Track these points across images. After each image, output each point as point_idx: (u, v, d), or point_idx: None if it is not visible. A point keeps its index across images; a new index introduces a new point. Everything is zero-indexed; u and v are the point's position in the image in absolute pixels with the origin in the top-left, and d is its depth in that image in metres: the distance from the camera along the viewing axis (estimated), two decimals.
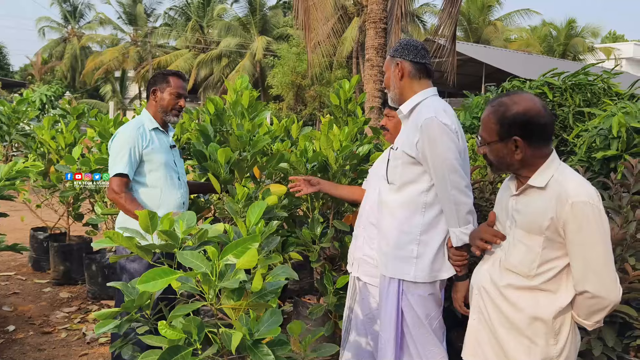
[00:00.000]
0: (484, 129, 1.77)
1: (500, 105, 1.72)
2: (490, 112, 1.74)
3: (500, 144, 1.73)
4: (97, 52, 41.54)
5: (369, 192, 2.77)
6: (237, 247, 1.73)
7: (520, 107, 1.69)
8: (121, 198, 2.74)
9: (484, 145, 1.78)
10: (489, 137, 1.75)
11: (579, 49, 33.30)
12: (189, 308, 1.71)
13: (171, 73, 2.94)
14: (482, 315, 1.80)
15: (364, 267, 2.68)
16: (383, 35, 5.88)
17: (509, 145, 1.71)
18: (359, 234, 2.77)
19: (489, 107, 1.76)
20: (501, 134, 1.71)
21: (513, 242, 1.73)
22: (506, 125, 1.70)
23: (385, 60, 2.37)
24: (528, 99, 1.71)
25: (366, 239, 2.68)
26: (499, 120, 1.71)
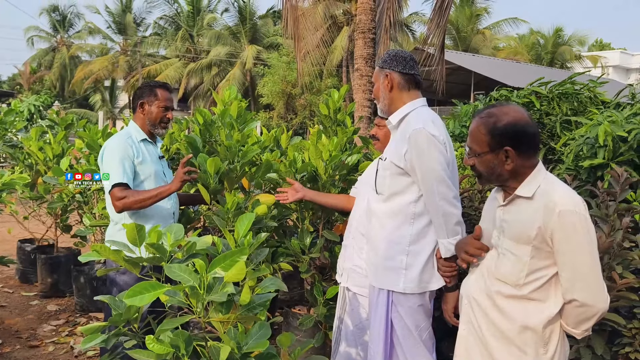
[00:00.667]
0: (473, 140, 1.77)
1: (490, 116, 1.74)
2: (480, 123, 1.75)
3: (490, 154, 1.74)
4: (86, 61, 41.39)
5: (358, 201, 2.77)
6: (225, 260, 1.72)
7: (511, 118, 1.70)
8: (129, 199, 2.70)
9: (473, 156, 1.78)
10: (479, 148, 1.76)
11: (567, 57, 33.67)
12: (177, 322, 1.70)
13: (158, 85, 2.93)
14: (472, 325, 1.80)
15: (353, 277, 2.68)
16: (372, 45, 5.91)
17: (499, 155, 1.72)
18: (348, 243, 2.77)
19: (478, 118, 1.77)
20: (492, 144, 1.72)
21: (502, 252, 1.74)
22: (497, 136, 1.71)
23: (375, 71, 2.38)
24: (516, 110, 1.73)
25: (355, 249, 2.68)
26: (489, 131, 1.72)
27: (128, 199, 2.70)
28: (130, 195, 2.70)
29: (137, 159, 2.81)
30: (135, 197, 2.71)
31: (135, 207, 2.75)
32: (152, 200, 2.73)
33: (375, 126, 2.82)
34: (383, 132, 2.75)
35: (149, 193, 2.73)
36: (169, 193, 2.75)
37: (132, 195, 2.70)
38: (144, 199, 2.72)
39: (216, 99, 3.26)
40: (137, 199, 2.71)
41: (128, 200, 2.70)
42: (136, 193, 2.73)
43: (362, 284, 2.66)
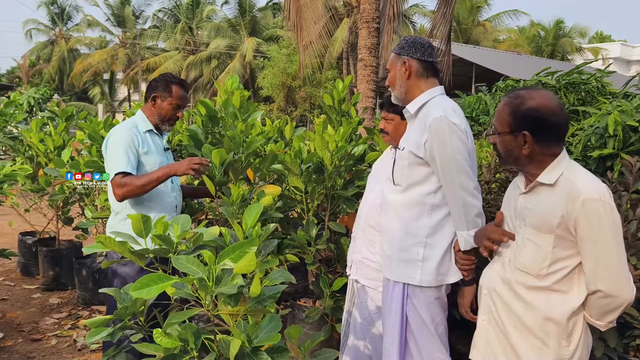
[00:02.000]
0: (497, 118, 1.76)
1: (517, 98, 1.72)
2: (506, 102, 1.74)
3: (510, 136, 1.72)
4: (85, 54, 41.23)
5: (367, 194, 2.72)
6: (234, 251, 1.68)
7: (535, 103, 1.67)
8: (130, 185, 2.63)
9: (495, 134, 1.76)
10: (500, 127, 1.74)
11: (567, 49, 33.52)
12: (185, 315, 1.66)
13: (175, 81, 2.85)
14: (492, 315, 1.77)
15: (362, 269, 2.64)
16: (376, 35, 5.83)
17: (518, 138, 1.70)
18: (357, 236, 2.72)
19: (506, 97, 1.76)
20: (512, 126, 1.70)
21: (522, 241, 1.70)
22: (518, 119, 1.69)
23: (390, 57, 2.30)
24: (544, 96, 1.70)
25: (365, 242, 2.64)
26: (512, 112, 1.71)
27: (129, 186, 2.63)
28: (131, 181, 2.64)
29: (142, 149, 2.76)
30: (136, 182, 2.64)
31: (137, 193, 2.67)
32: (153, 184, 2.67)
33: (383, 120, 2.74)
34: (392, 125, 2.67)
35: (149, 176, 2.66)
36: (171, 174, 2.69)
37: (132, 181, 2.64)
38: (144, 183, 2.65)
39: (218, 88, 3.20)
40: (138, 184, 2.64)
41: (129, 187, 2.63)
42: (136, 178, 2.66)
43: (371, 276, 2.62)
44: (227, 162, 2.97)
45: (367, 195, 2.73)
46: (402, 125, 2.65)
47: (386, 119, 2.69)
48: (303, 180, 3.25)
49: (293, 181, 3.29)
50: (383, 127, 2.71)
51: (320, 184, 3.30)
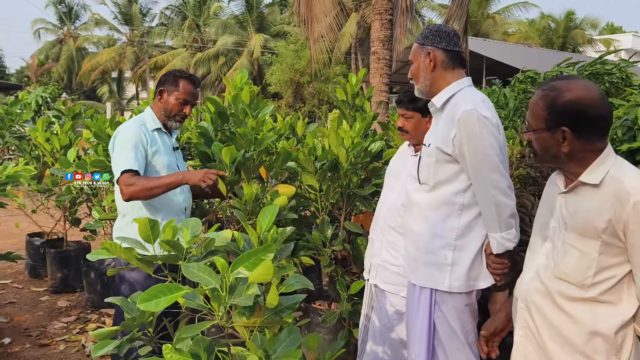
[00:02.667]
0: (531, 114, 1.59)
1: (552, 90, 1.54)
2: (540, 96, 1.56)
3: (546, 133, 1.55)
4: (93, 53, 41.29)
5: (385, 193, 2.58)
6: (249, 259, 1.54)
7: (574, 95, 1.50)
8: (137, 186, 2.48)
9: (529, 131, 1.60)
10: (535, 123, 1.57)
11: (579, 41, 33.06)
12: (197, 329, 1.52)
13: (183, 76, 2.71)
14: (530, 330, 1.60)
15: (382, 273, 2.50)
16: (389, 27, 5.65)
17: (556, 135, 1.53)
18: (376, 237, 2.58)
19: (539, 90, 1.58)
20: (549, 122, 1.53)
21: (563, 247, 1.53)
22: (555, 114, 1.52)
23: (413, 48, 2.15)
24: (584, 87, 1.52)
25: (384, 244, 2.50)
26: (548, 106, 1.53)
27: (136, 186, 2.48)
28: (140, 182, 2.49)
29: (151, 148, 2.63)
30: (144, 184, 2.49)
31: (144, 196, 2.53)
32: (161, 190, 2.52)
33: (401, 117, 2.57)
34: (412, 123, 2.50)
35: (160, 181, 2.52)
36: (181, 183, 2.55)
37: (141, 182, 2.49)
38: (153, 187, 2.50)
39: (227, 83, 3.06)
40: (146, 187, 2.49)
41: (136, 187, 2.48)
42: (145, 180, 2.51)
43: (391, 280, 2.49)
44: (238, 160, 2.83)
45: (386, 195, 2.59)
46: (423, 123, 2.49)
47: (405, 116, 2.53)
48: (317, 179, 3.11)
49: (307, 179, 3.15)
50: (402, 125, 2.55)
51: (335, 182, 3.16)
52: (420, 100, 2.45)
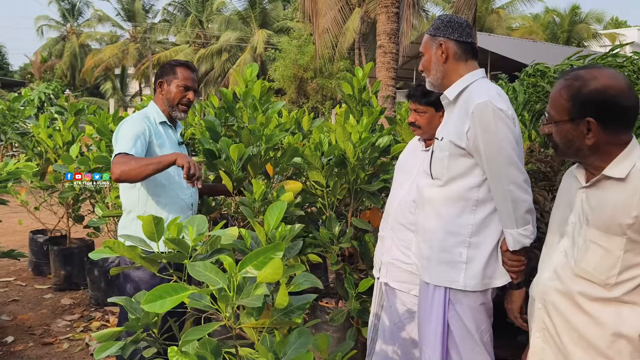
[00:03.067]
0: (553, 105, 1.51)
1: (576, 79, 1.46)
2: (563, 86, 1.48)
3: (570, 124, 1.47)
4: (96, 49, 41.24)
5: (396, 190, 2.52)
6: (257, 257, 1.48)
7: (600, 84, 1.43)
8: (128, 164, 2.32)
9: (550, 123, 1.52)
10: (557, 115, 1.49)
11: (584, 36, 32.86)
12: (203, 331, 1.46)
13: (179, 63, 2.67)
14: (548, 332, 1.53)
15: (393, 272, 2.44)
16: (395, 20, 5.56)
17: (580, 127, 1.46)
18: (386, 235, 2.52)
19: (562, 80, 1.50)
20: (573, 113, 1.46)
21: (585, 244, 1.46)
22: (580, 104, 1.44)
23: (424, 40, 2.07)
24: (610, 75, 1.44)
25: (395, 242, 2.44)
26: (572, 96, 1.45)
27: (127, 165, 2.32)
28: (131, 161, 2.34)
29: (156, 141, 2.57)
30: (136, 162, 2.33)
31: (135, 174, 2.34)
32: (152, 167, 2.33)
33: (413, 112, 2.49)
34: (425, 118, 2.42)
35: (149, 160, 2.36)
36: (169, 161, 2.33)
37: (132, 160, 2.34)
38: (143, 165, 2.32)
39: (237, 78, 2.99)
40: (139, 164, 2.32)
41: (127, 165, 2.32)
42: (137, 159, 2.36)
43: (403, 278, 2.43)
44: (246, 157, 2.77)
45: (396, 191, 2.52)
46: (436, 117, 2.42)
47: (417, 111, 2.45)
48: (324, 174, 3.05)
49: (313, 175, 3.09)
50: (414, 120, 2.47)
51: (342, 178, 3.09)
52: (433, 94, 2.37)
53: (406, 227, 2.40)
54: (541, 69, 4.34)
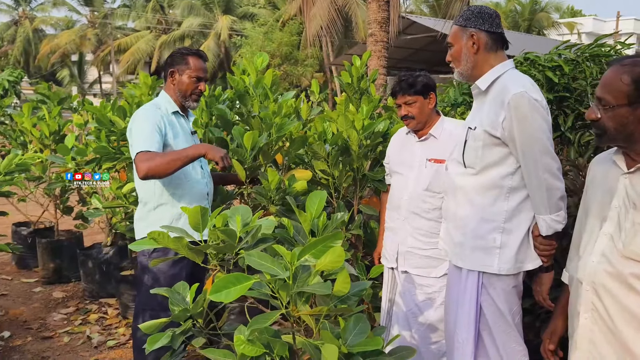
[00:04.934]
0: (610, 90, 1.54)
1: (636, 65, 1.51)
2: (624, 71, 1.52)
3: (627, 108, 1.52)
4: (51, 35, 39.81)
5: (401, 183, 2.59)
6: (316, 246, 1.51)
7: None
8: (154, 160, 2.34)
9: (604, 109, 1.55)
10: (615, 99, 1.53)
11: (544, 24, 33.61)
12: (267, 319, 1.48)
13: (191, 53, 2.64)
14: (598, 313, 1.60)
15: (410, 259, 2.54)
16: (386, 9, 5.59)
17: (637, 111, 1.51)
18: (397, 226, 2.60)
19: (619, 66, 1.54)
20: (633, 97, 1.51)
21: (633, 227, 1.53)
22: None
23: (453, 30, 2.11)
24: None
25: (410, 231, 2.53)
26: (634, 81, 1.50)
27: (153, 161, 2.34)
28: (157, 157, 2.35)
29: (169, 132, 2.55)
30: (162, 158, 2.36)
31: (164, 170, 2.37)
32: (182, 162, 2.37)
33: (403, 105, 2.54)
34: (416, 107, 2.52)
35: (179, 153, 2.39)
36: (201, 155, 2.41)
37: (158, 157, 2.36)
38: (172, 159, 2.36)
39: (248, 66, 2.96)
40: (166, 159, 2.35)
41: (154, 162, 2.34)
42: (162, 154, 2.38)
43: (421, 264, 2.52)
44: (259, 145, 2.77)
45: (403, 184, 2.59)
46: (425, 104, 2.56)
47: (407, 102, 2.53)
48: (330, 163, 3.07)
49: (318, 165, 3.11)
50: (406, 113, 2.55)
51: (347, 166, 3.13)
52: (418, 83, 2.52)
53: (421, 216, 2.50)
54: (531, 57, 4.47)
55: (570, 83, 4.34)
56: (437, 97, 2.61)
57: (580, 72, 4.24)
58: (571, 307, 1.73)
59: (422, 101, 2.54)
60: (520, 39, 22.09)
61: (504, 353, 2.02)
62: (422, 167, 2.56)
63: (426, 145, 2.59)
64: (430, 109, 2.57)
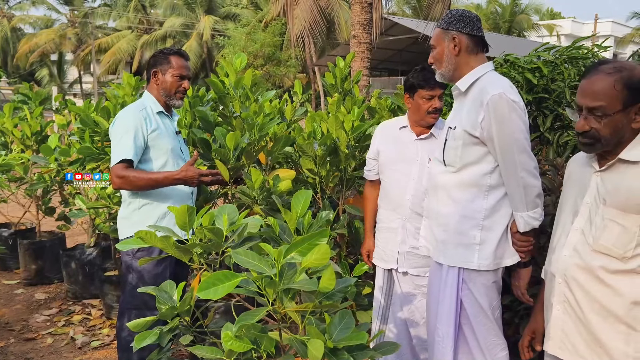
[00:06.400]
0: (604, 99, 1.56)
1: (621, 70, 1.55)
2: (614, 79, 1.55)
3: (622, 113, 1.56)
4: (30, 34, 39.23)
5: (402, 181, 2.55)
6: (302, 244, 1.54)
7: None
8: (127, 179, 2.46)
9: (599, 118, 1.57)
10: (610, 107, 1.55)
11: (524, 26, 34.09)
12: (254, 316, 1.50)
13: (172, 52, 2.67)
14: (569, 304, 1.67)
15: (411, 260, 2.55)
16: (369, 11, 5.63)
17: (630, 114, 1.56)
18: (399, 226, 2.57)
19: (604, 75, 1.56)
20: (627, 101, 1.54)
21: (603, 222, 1.60)
22: (633, 91, 1.54)
23: (435, 33, 2.16)
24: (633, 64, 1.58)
25: (412, 231, 2.52)
26: (626, 85, 1.54)
27: (126, 179, 2.46)
28: (130, 177, 2.46)
29: (152, 132, 2.56)
30: (135, 180, 2.47)
31: (130, 189, 2.54)
32: (148, 188, 2.53)
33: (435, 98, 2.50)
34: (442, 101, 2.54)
35: (151, 177, 2.49)
36: (174, 183, 2.53)
37: (131, 177, 2.47)
38: (143, 185, 2.50)
39: (227, 67, 2.99)
40: (136, 184, 2.49)
41: (126, 180, 2.46)
42: (135, 177, 2.47)
43: (419, 264, 2.54)
44: (241, 146, 2.79)
45: (404, 182, 2.55)
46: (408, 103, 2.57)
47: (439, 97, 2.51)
48: (318, 162, 3.10)
49: (306, 164, 3.14)
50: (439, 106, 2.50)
51: (335, 166, 3.16)
52: None
53: (421, 215, 2.46)
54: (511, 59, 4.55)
55: (549, 84, 4.43)
56: None
57: (559, 74, 4.33)
58: (546, 299, 1.80)
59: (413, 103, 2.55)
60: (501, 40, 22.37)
61: (484, 346, 2.08)
62: (424, 166, 2.51)
63: (427, 145, 2.55)
64: None
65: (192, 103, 3.52)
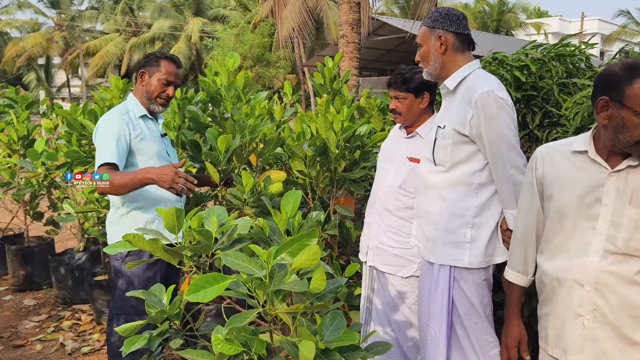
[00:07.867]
0: None
1: None
2: None
3: None
4: (17, 38, 38.93)
5: (381, 177, 2.59)
6: (292, 245, 1.53)
7: None
8: (111, 184, 2.38)
9: None
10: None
11: (512, 25, 34.28)
12: (244, 318, 1.49)
13: (164, 56, 2.62)
14: (600, 311, 1.60)
15: (380, 255, 2.54)
16: (357, 10, 5.62)
17: None
18: (372, 220, 2.60)
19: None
20: None
21: (630, 223, 1.54)
22: None
23: (421, 31, 2.15)
24: None
25: (382, 227, 2.53)
26: None
27: (110, 185, 2.38)
28: (114, 180, 2.38)
29: (135, 136, 2.52)
30: (114, 182, 2.38)
31: (114, 193, 2.44)
32: (129, 189, 2.41)
33: (393, 99, 2.56)
34: (405, 105, 2.49)
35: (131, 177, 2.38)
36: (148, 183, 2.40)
37: (114, 181, 2.38)
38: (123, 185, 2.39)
39: (219, 68, 2.96)
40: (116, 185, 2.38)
41: (108, 186, 2.38)
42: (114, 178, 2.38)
43: (390, 262, 2.52)
44: (233, 148, 2.77)
45: (382, 178, 2.59)
46: (416, 104, 2.51)
47: (398, 98, 2.53)
48: (308, 163, 3.09)
49: (296, 165, 3.13)
50: (395, 107, 2.55)
51: (325, 167, 3.15)
52: (414, 81, 2.46)
53: (392, 214, 2.48)
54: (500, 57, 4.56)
55: (537, 82, 4.44)
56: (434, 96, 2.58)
57: (547, 71, 4.34)
58: (561, 308, 1.70)
59: (412, 99, 2.49)
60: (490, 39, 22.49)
61: (476, 344, 2.07)
62: (401, 164, 2.53)
63: (411, 143, 2.55)
64: (421, 109, 2.51)
65: (181, 105, 3.50)
